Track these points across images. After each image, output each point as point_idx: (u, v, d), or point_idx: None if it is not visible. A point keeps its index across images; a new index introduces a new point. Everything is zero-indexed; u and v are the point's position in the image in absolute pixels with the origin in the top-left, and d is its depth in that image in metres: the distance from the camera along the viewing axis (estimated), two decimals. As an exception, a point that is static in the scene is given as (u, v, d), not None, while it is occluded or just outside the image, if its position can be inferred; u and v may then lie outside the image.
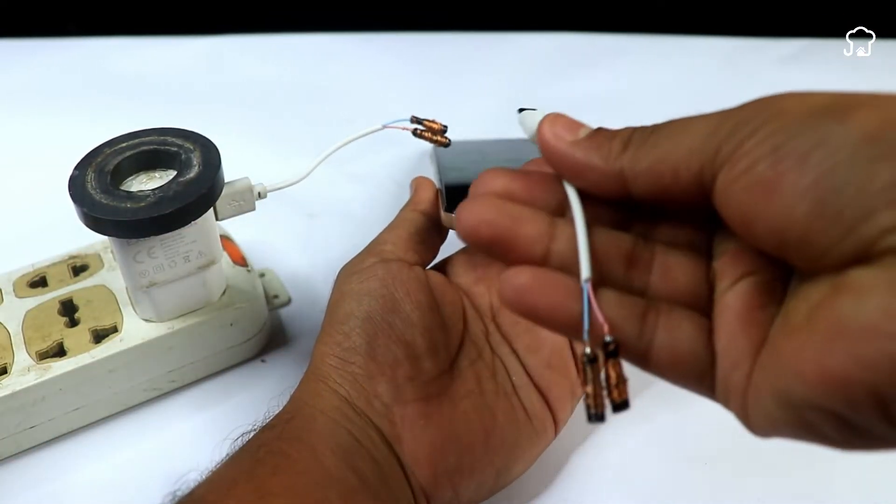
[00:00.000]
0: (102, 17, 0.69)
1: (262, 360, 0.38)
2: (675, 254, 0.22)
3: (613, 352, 0.20)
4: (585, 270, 0.21)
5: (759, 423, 0.20)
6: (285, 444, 0.26)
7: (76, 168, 0.30)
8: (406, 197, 0.36)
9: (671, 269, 0.22)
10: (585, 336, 0.20)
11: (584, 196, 0.22)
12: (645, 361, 0.21)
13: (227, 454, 0.27)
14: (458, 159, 0.41)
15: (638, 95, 0.60)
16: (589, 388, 0.21)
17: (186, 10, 0.70)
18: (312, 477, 0.25)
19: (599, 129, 0.22)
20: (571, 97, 0.60)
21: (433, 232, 0.34)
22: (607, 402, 0.21)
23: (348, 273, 0.31)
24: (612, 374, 0.20)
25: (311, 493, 0.25)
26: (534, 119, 0.24)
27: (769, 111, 0.19)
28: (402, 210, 0.35)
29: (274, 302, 0.40)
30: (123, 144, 0.31)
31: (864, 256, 0.17)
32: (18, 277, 0.36)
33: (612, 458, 0.33)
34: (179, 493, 0.25)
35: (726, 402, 0.21)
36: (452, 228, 0.33)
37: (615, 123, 0.23)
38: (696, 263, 0.22)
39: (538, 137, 0.23)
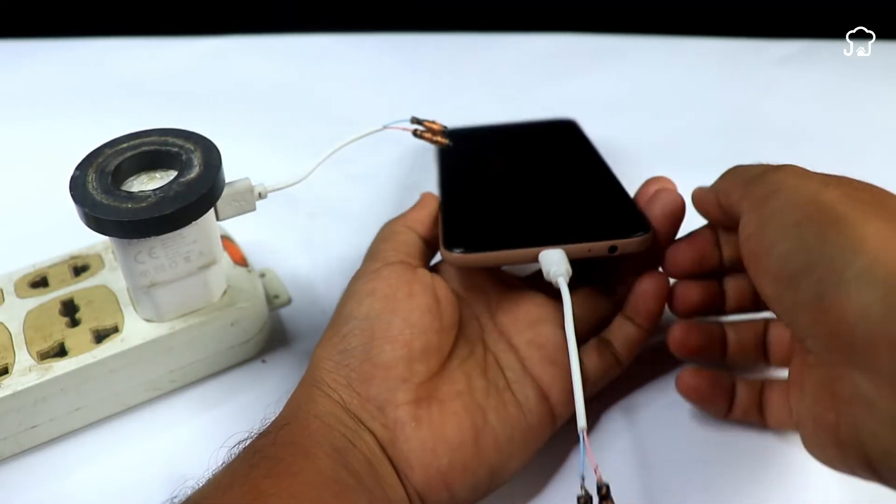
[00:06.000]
0: (102, 18, 0.69)
1: (263, 361, 0.38)
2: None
3: (606, 495, 0.24)
4: (581, 420, 0.25)
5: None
6: (280, 450, 0.26)
7: (77, 168, 0.30)
8: (406, 196, 0.36)
9: None
10: (581, 481, 0.25)
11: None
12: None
13: (224, 462, 0.27)
14: (460, 147, 0.41)
15: (638, 96, 0.60)
16: None
17: (187, 10, 0.70)
18: (307, 478, 0.25)
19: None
20: (571, 97, 0.60)
21: (424, 247, 0.34)
22: None
23: (355, 279, 0.32)
24: None
25: (306, 492, 0.25)
26: (551, 259, 0.30)
27: (771, 189, 0.24)
28: (394, 223, 0.34)
29: (274, 302, 0.40)
30: (124, 145, 0.31)
31: (802, 341, 0.22)
32: (19, 278, 0.36)
33: (612, 457, 0.33)
34: (177, 500, 0.25)
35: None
36: (451, 264, 0.32)
37: (615, 123, 0.23)
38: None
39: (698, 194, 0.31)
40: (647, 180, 0.34)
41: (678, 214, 0.32)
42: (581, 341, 0.33)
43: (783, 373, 0.30)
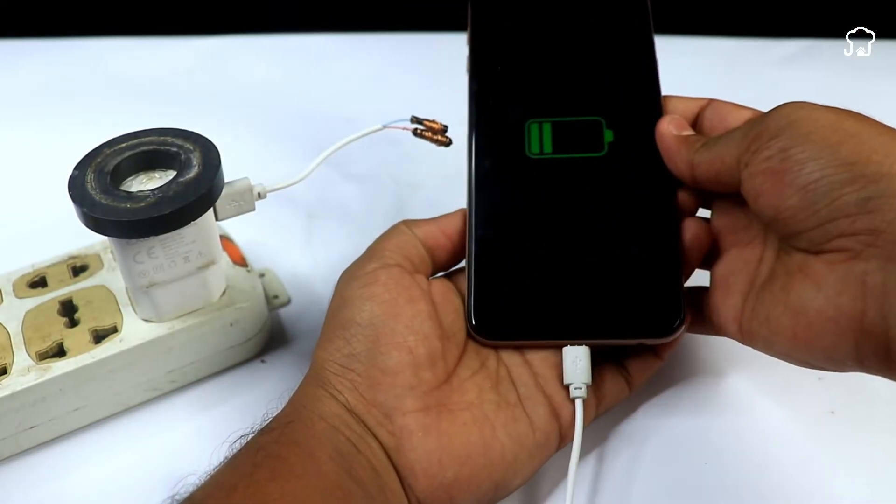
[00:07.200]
0: (102, 17, 0.69)
1: (262, 361, 0.38)
2: None
3: None
4: None
5: (756, 349, 0.28)
6: (284, 449, 0.26)
7: (76, 168, 0.30)
8: (406, 196, 0.36)
9: None
10: None
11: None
12: None
13: (226, 457, 0.27)
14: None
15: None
16: None
17: (186, 10, 0.70)
18: (310, 482, 0.25)
19: (694, 134, 0.31)
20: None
21: (426, 255, 0.32)
22: None
23: (349, 278, 0.31)
24: None
25: (310, 497, 0.25)
26: (573, 367, 0.30)
27: (785, 121, 0.26)
28: (401, 223, 0.33)
29: (274, 302, 0.40)
30: (123, 145, 0.31)
31: (822, 247, 0.25)
32: (18, 278, 0.36)
33: (614, 467, 0.33)
34: (178, 497, 0.25)
35: (723, 335, 0.30)
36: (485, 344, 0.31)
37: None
38: None
39: (658, 126, 0.31)
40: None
41: (706, 248, 0.30)
42: (599, 362, 0.32)
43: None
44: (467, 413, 0.29)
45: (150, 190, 0.29)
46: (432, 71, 0.64)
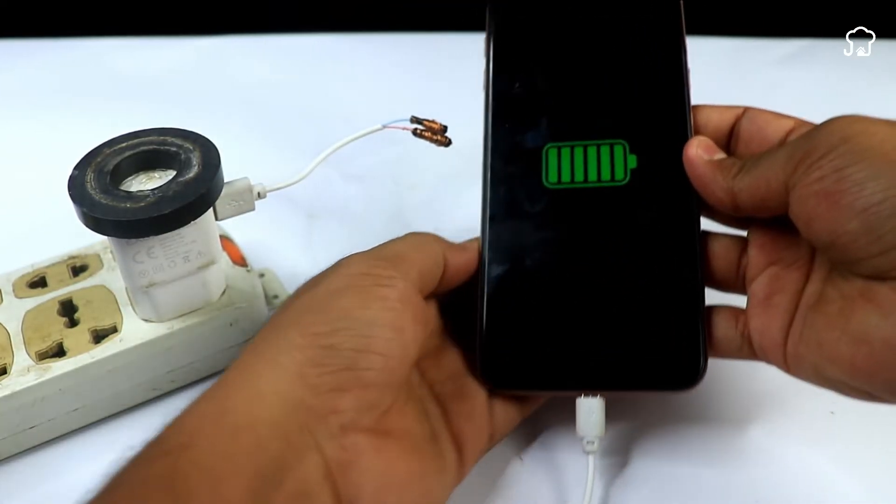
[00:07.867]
0: (102, 17, 0.69)
1: (262, 361, 0.38)
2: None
3: None
4: None
5: (800, 377, 0.27)
6: (180, 480, 0.22)
7: (76, 168, 0.30)
8: (406, 196, 0.35)
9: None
10: None
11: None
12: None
13: (104, 486, 0.22)
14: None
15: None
16: None
17: (186, 10, 0.70)
18: None
19: (727, 157, 0.29)
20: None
21: (438, 283, 0.30)
22: None
23: (363, 273, 0.28)
24: None
25: None
26: (586, 420, 0.29)
27: (838, 137, 0.24)
28: (438, 243, 0.31)
29: (273, 302, 0.40)
30: (123, 144, 0.31)
31: (889, 274, 0.22)
32: (18, 278, 0.36)
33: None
34: None
35: (764, 360, 0.28)
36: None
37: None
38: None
39: (685, 152, 0.29)
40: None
41: (740, 272, 0.30)
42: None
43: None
44: (406, 441, 0.27)
45: (149, 190, 0.29)
46: (432, 71, 0.64)
